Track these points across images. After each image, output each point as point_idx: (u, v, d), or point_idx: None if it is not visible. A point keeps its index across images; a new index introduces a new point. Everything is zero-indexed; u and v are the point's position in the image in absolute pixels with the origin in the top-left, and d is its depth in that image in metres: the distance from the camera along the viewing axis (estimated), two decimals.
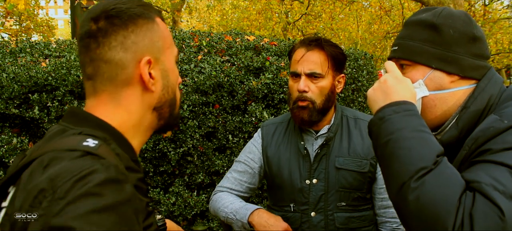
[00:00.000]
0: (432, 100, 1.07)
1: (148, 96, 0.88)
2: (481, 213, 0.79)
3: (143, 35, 0.86)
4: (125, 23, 0.84)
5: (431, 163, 0.86)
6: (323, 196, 1.61)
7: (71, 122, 0.83)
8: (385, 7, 15.28)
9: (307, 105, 1.57)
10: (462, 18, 1.07)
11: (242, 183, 1.75)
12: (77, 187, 0.65)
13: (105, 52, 0.83)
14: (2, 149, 2.50)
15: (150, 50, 0.87)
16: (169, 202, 2.69)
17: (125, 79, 0.85)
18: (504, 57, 17.37)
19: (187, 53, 2.91)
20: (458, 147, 1.01)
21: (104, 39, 0.83)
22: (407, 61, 1.10)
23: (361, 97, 3.42)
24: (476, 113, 1.02)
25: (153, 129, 0.93)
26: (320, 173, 1.62)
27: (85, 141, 0.74)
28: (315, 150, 1.64)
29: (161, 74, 0.89)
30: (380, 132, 0.95)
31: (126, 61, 0.84)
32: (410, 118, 0.94)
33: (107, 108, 0.85)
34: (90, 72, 0.85)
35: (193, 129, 2.65)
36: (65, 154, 0.71)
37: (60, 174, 0.66)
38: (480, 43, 1.07)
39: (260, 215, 1.57)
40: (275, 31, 15.30)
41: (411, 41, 1.09)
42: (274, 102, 2.80)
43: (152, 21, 0.89)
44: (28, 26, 18.63)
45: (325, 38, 1.65)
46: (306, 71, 1.57)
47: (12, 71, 2.57)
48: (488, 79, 1.06)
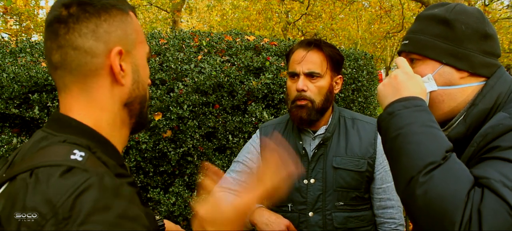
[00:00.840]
0: (441, 95, 1.07)
1: (118, 90, 0.85)
2: (490, 210, 0.79)
3: (116, 25, 0.83)
4: (98, 11, 0.81)
5: (439, 158, 0.86)
6: (321, 196, 1.61)
7: (54, 129, 0.81)
8: (385, 7, 15.28)
9: (306, 104, 1.58)
10: (475, 14, 1.07)
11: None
12: (79, 204, 0.65)
13: (75, 39, 0.79)
14: (2, 149, 2.50)
15: (122, 42, 0.84)
16: (169, 202, 2.70)
17: (94, 69, 0.81)
18: (504, 57, 17.37)
19: (187, 53, 2.91)
20: (465, 143, 1.01)
21: (75, 25, 0.79)
22: (418, 56, 1.09)
23: (361, 97, 3.42)
24: (484, 111, 1.02)
25: (128, 127, 0.91)
26: (318, 173, 1.62)
27: (72, 153, 0.73)
28: (313, 150, 1.64)
29: (132, 68, 0.86)
30: (389, 127, 0.95)
31: (96, 49, 0.81)
32: (420, 113, 0.94)
33: (80, 105, 0.83)
34: (57, 60, 0.81)
35: (193, 129, 2.65)
36: (53, 170, 0.69)
37: (56, 194, 0.66)
38: (492, 41, 1.07)
39: (261, 213, 1.57)
40: (275, 31, 15.30)
41: (422, 35, 1.09)
42: (274, 102, 2.80)
43: (126, 14, 0.86)
44: (28, 26, 18.62)
45: (323, 40, 1.66)
46: (305, 71, 1.58)
47: (12, 71, 2.58)
48: (497, 77, 1.05)
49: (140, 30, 0.90)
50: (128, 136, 0.93)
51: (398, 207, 1.66)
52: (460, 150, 1.01)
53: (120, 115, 0.87)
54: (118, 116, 0.86)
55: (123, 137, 0.90)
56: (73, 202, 0.65)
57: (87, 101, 0.83)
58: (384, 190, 1.64)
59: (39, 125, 2.64)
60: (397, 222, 1.64)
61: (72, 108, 0.83)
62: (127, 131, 0.92)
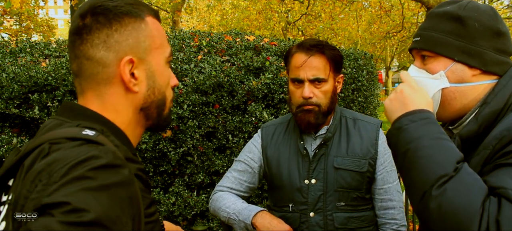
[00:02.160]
0: (452, 93, 1.06)
1: (132, 97, 0.86)
2: (509, 219, 0.79)
3: (128, 34, 0.85)
4: (110, 21, 0.83)
5: (451, 170, 0.86)
6: (322, 196, 1.61)
7: (68, 116, 0.83)
8: (385, 7, 15.28)
9: (313, 109, 1.57)
10: (488, 12, 1.06)
11: (242, 182, 1.75)
12: (72, 171, 0.64)
13: (88, 49, 0.83)
14: (2, 149, 2.50)
15: (133, 50, 0.85)
16: (169, 202, 2.69)
17: (107, 78, 0.84)
18: None
19: (187, 53, 2.91)
20: (477, 141, 1.00)
21: (88, 37, 0.83)
22: (429, 53, 1.08)
23: (361, 97, 3.42)
24: (496, 111, 1.01)
25: (143, 127, 0.92)
26: (319, 173, 1.62)
27: (84, 130, 0.74)
28: (314, 150, 1.64)
29: (146, 74, 0.87)
30: (398, 142, 0.95)
31: (107, 59, 0.83)
32: (428, 126, 0.93)
33: (95, 107, 0.85)
34: (75, 69, 0.86)
35: (193, 128, 2.65)
36: (65, 143, 0.71)
37: (58, 160, 0.66)
38: (505, 39, 1.06)
39: (263, 216, 1.57)
40: (275, 31, 15.30)
41: (434, 32, 1.08)
42: (274, 102, 2.80)
43: (140, 20, 0.87)
44: (28, 26, 18.63)
45: (324, 42, 1.64)
46: (309, 77, 1.56)
47: (12, 71, 2.57)
48: (510, 76, 1.04)
49: (157, 34, 0.90)
50: (141, 134, 0.94)
51: (400, 207, 1.65)
52: (472, 148, 1.01)
53: (136, 118, 0.89)
54: (133, 119, 0.89)
55: (136, 134, 0.92)
56: (68, 169, 0.65)
57: (101, 105, 0.85)
58: (386, 190, 1.64)
59: (39, 125, 2.64)
60: (399, 223, 1.64)
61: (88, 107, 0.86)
62: (141, 130, 0.93)
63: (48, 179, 0.64)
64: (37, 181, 0.65)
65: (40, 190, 0.63)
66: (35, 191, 0.64)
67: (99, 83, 0.84)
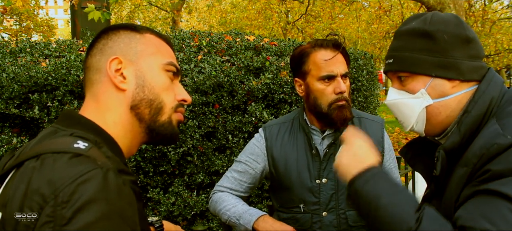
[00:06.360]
0: (436, 108, 1.06)
1: (123, 95, 0.91)
2: None
3: (120, 41, 0.93)
4: (108, 34, 0.94)
5: (413, 223, 0.91)
6: (334, 195, 1.60)
7: (64, 124, 0.86)
8: (384, 7, 15.28)
9: (345, 104, 1.58)
10: (453, 21, 1.06)
11: (242, 183, 1.74)
12: (80, 191, 0.67)
13: (88, 60, 0.94)
14: (2, 149, 2.50)
15: (123, 52, 0.92)
16: (169, 202, 2.70)
17: (99, 80, 0.92)
18: (504, 57, 17.36)
19: (187, 53, 2.91)
20: (461, 150, 1.01)
21: (91, 51, 0.94)
22: (406, 73, 1.08)
23: (361, 97, 3.42)
24: (478, 117, 1.01)
25: (139, 134, 0.93)
26: (330, 172, 1.61)
27: (75, 142, 0.77)
28: (324, 149, 1.64)
29: (136, 74, 0.92)
30: (359, 205, 1.02)
31: (99, 63, 0.92)
32: (379, 183, 1.00)
33: (91, 108, 0.91)
34: (83, 81, 0.96)
35: (193, 129, 2.65)
36: (57, 156, 0.73)
37: (61, 178, 0.68)
38: (475, 44, 1.06)
39: (265, 220, 1.57)
40: (275, 31, 15.31)
41: (406, 52, 1.07)
42: (274, 102, 2.80)
43: (137, 32, 0.95)
44: (28, 26, 18.62)
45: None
46: (342, 72, 1.58)
47: (12, 71, 2.57)
48: (488, 81, 1.04)
49: (155, 44, 0.96)
50: (138, 145, 0.95)
51: None
52: (456, 158, 1.01)
53: (128, 118, 0.91)
54: (124, 117, 0.91)
55: (132, 142, 0.93)
56: (75, 188, 0.67)
57: (95, 103, 0.91)
58: None
59: (39, 124, 2.64)
60: None
61: (85, 110, 0.92)
62: (138, 138, 0.94)
63: (55, 199, 0.67)
64: (41, 201, 0.67)
65: (51, 212, 0.66)
66: (45, 214, 0.67)
67: (94, 85, 0.92)
